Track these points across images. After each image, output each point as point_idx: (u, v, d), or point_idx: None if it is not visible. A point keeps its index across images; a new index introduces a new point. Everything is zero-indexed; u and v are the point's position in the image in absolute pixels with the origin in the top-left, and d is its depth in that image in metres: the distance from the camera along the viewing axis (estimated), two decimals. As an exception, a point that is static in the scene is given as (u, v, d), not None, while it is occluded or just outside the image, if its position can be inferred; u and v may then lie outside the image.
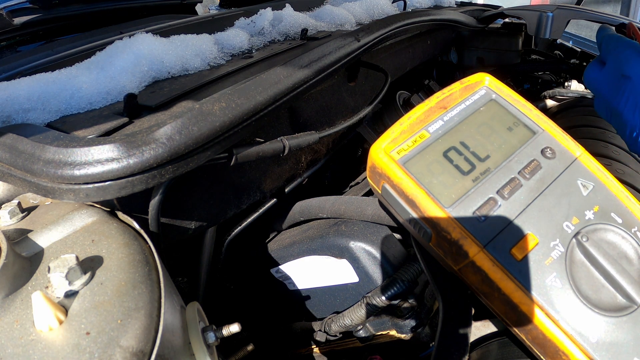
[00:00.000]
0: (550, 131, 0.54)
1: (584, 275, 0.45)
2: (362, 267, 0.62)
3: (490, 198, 0.48)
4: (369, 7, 1.02)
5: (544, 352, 0.44)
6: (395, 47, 1.01)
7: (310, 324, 0.72)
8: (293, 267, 0.71)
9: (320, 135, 0.65)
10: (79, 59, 0.63)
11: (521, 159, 0.51)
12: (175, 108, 0.53)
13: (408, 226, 0.52)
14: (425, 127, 0.53)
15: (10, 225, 0.43)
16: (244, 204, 0.66)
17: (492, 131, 0.54)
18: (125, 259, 0.38)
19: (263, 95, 0.53)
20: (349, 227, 0.65)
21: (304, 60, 0.63)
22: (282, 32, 0.85)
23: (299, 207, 0.75)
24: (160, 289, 0.37)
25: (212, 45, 0.72)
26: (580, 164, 0.52)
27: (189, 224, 0.57)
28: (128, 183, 0.41)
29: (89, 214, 0.44)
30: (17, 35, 1.00)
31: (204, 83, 0.61)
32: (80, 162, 0.40)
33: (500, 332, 0.54)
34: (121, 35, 0.79)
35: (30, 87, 0.52)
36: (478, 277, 0.46)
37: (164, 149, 0.42)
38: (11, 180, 0.44)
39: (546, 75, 1.38)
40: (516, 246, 0.45)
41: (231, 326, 0.44)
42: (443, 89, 0.57)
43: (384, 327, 0.63)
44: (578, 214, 0.48)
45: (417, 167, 0.50)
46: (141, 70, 0.60)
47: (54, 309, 0.32)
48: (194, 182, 0.57)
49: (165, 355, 0.34)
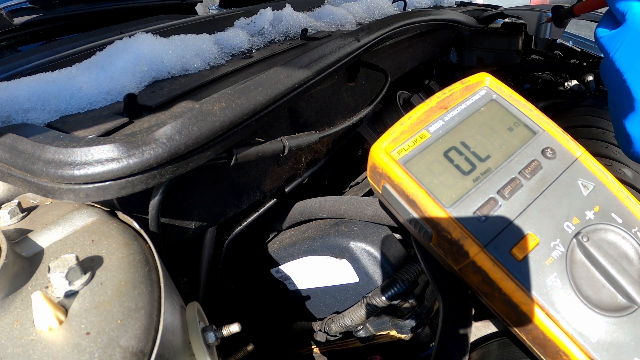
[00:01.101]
0: (551, 131, 0.54)
1: (585, 275, 0.45)
2: (362, 267, 0.62)
3: (491, 198, 0.48)
4: (369, 7, 1.02)
5: (545, 352, 0.44)
6: (395, 47, 1.01)
7: (310, 324, 0.72)
8: (293, 267, 0.71)
9: (320, 135, 0.65)
10: (79, 59, 0.63)
11: (522, 159, 0.51)
12: (175, 108, 0.53)
13: (408, 226, 0.52)
14: (425, 127, 0.53)
15: (10, 225, 0.43)
16: (244, 204, 0.66)
17: (492, 131, 0.54)
18: (125, 259, 0.38)
19: (263, 95, 0.53)
20: (349, 227, 0.65)
21: (304, 60, 0.63)
22: (282, 32, 0.85)
23: (299, 207, 0.75)
24: (160, 289, 0.37)
25: (212, 45, 0.72)
26: (580, 164, 0.52)
27: (189, 224, 0.57)
28: (128, 183, 0.41)
29: (89, 214, 0.44)
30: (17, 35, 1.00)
31: (204, 83, 0.61)
32: (80, 162, 0.40)
33: (500, 332, 0.54)
34: (121, 35, 0.79)
35: (30, 87, 0.52)
36: (478, 277, 0.46)
37: (164, 149, 0.42)
38: (11, 180, 0.44)
39: (546, 75, 1.39)
40: (517, 246, 0.45)
41: (231, 326, 0.44)
42: (443, 89, 0.57)
43: (384, 327, 0.63)
44: (578, 214, 0.48)
45: (418, 167, 0.50)
46: (141, 70, 0.60)
47: (54, 309, 0.31)
48: (194, 182, 0.57)
49: (165, 355, 0.34)
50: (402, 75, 1.07)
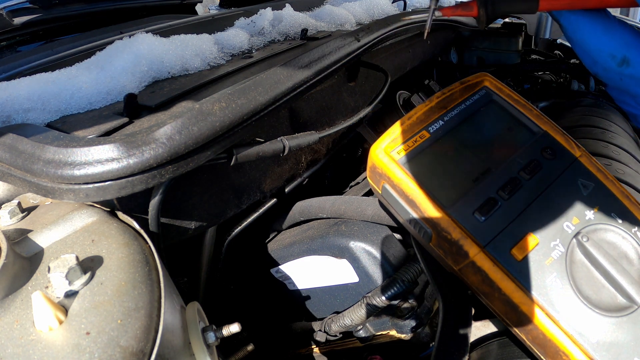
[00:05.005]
0: (551, 131, 0.54)
1: (585, 275, 0.45)
2: (362, 267, 0.62)
3: (491, 198, 0.48)
4: (369, 7, 1.02)
5: (544, 352, 0.44)
6: (395, 47, 1.01)
7: (310, 324, 0.72)
8: (293, 267, 0.71)
9: (320, 135, 0.65)
10: (79, 59, 0.63)
11: (521, 159, 0.51)
12: (175, 108, 0.53)
13: (408, 226, 0.52)
14: (425, 127, 0.53)
15: (10, 225, 0.43)
16: (244, 204, 0.66)
17: (492, 131, 0.54)
18: (125, 259, 0.38)
19: (263, 96, 0.53)
20: (349, 227, 0.65)
21: (304, 61, 0.63)
22: (282, 32, 0.85)
23: (299, 207, 0.75)
24: (160, 289, 0.37)
25: (212, 45, 0.72)
26: (580, 164, 0.52)
27: (189, 224, 0.57)
28: (128, 183, 0.41)
29: (89, 214, 0.44)
30: (17, 35, 1.00)
31: (204, 83, 0.61)
32: (80, 162, 0.40)
33: (500, 332, 0.54)
34: (121, 35, 0.79)
35: (30, 87, 0.52)
36: (478, 277, 0.46)
37: (164, 149, 0.42)
38: (11, 180, 0.44)
39: (546, 75, 1.38)
40: (516, 246, 0.45)
41: (231, 326, 0.44)
42: (443, 89, 0.57)
43: (384, 327, 0.63)
44: (578, 214, 0.48)
45: (418, 167, 0.50)
46: (141, 70, 0.60)
47: (54, 309, 0.31)
48: (194, 182, 0.57)
49: (165, 355, 0.34)
50: (402, 75, 1.07)
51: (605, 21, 0.54)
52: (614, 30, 0.54)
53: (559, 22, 0.58)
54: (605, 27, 0.54)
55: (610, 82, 0.58)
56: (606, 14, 0.55)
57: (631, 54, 0.53)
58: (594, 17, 0.55)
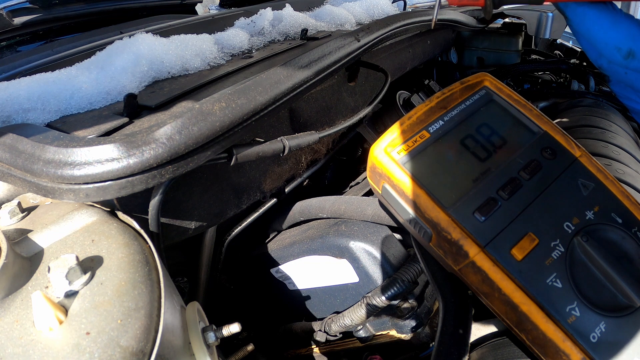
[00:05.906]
0: (551, 131, 0.54)
1: (584, 275, 0.45)
2: (362, 267, 0.62)
3: (491, 198, 0.48)
4: (369, 7, 1.02)
5: (544, 352, 0.44)
6: (395, 47, 1.01)
7: (310, 324, 0.72)
8: (293, 267, 0.71)
9: (320, 135, 0.65)
10: (79, 59, 0.63)
11: (521, 159, 0.51)
12: (175, 108, 0.53)
13: (408, 226, 0.52)
14: (425, 127, 0.53)
15: (10, 225, 0.43)
16: (244, 204, 0.66)
17: (492, 131, 0.54)
18: (125, 259, 0.38)
19: (263, 96, 0.53)
20: (349, 227, 0.65)
21: (304, 61, 0.63)
22: (282, 32, 0.85)
23: (299, 207, 0.75)
24: (160, 289, 0.37)
25: (212, 45, 0.72)
26: (580, 164, 0.52)
27: (189, 224, 0.57)
28: (128, 183, 0.41)
29: (89, 214, 0.44)
30: (17, 35, 1.00)
31: (204, 83, 0.61)
32: (80, 162, 0.40)
33: (500, 332, 0.54)
34: (121, 35, 0.79)
35: (30, 87, 0.52)
36: (478, 277, 0.46)
37: (164, 149, 0.42)
38: (11, 180, 0.44)
39: (546, 75, 1.38)
40: (516, 246, 0.45)
41: (231, 326, 0.44)
42: (443, 89, 0.57)
43: (384, 327, 0.63)
44: (578, 214, 0.48)
45: (418, 167, 0.50)
46: (141, 70, 0.60)
47: (54, 309, 0.31)
48: (194, 182, 0.57)
49: (165, 355, 0.34)
50: (402, 75, 1.07)
51: (612, 14, 0.54)
52: (620, 23, 0.54)
53: (565, 14, 0.58)
54: (611, 19, 0.54)
55: (614, 76, 0.58)
56: (613, 6, 0.55)
57: (637, 47, 0.53)
58: (601, 9, 0.55)
